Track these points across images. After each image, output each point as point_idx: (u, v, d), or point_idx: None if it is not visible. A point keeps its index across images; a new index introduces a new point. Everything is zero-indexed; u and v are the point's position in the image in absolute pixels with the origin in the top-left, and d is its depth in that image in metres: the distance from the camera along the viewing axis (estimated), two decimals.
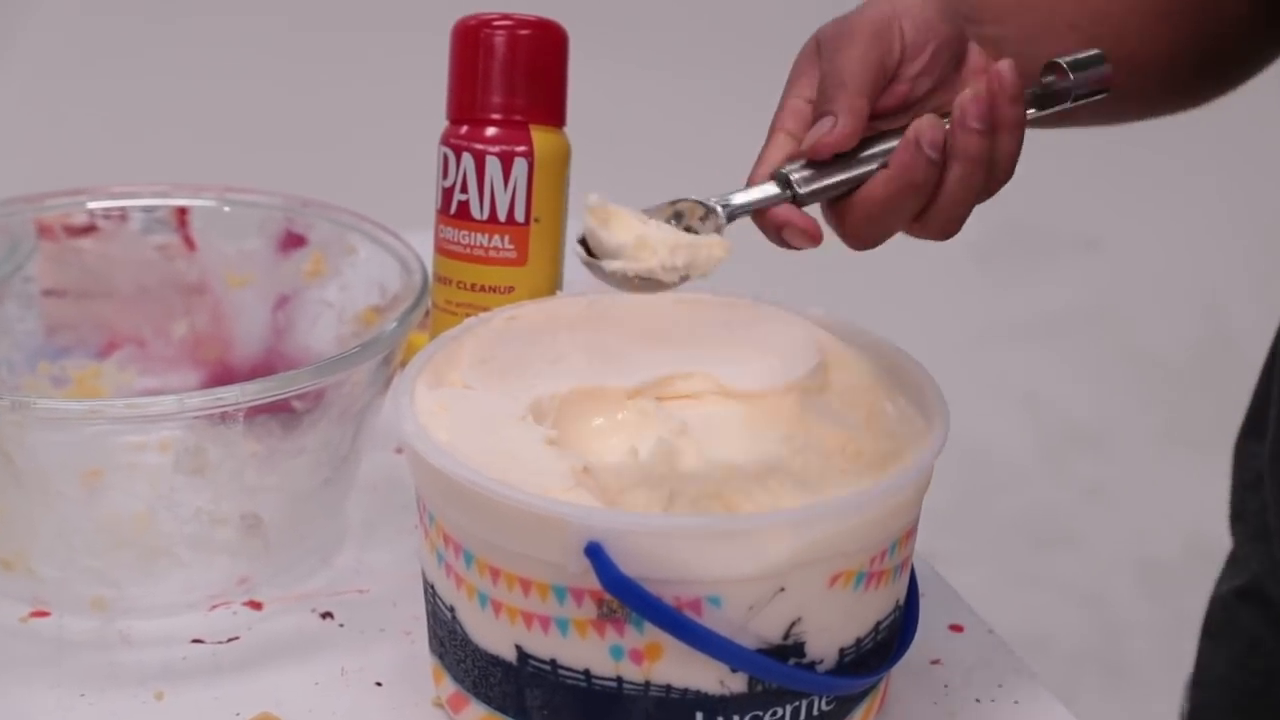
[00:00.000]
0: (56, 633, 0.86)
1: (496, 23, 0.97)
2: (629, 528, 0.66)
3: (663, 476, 0.72)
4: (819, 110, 0.78)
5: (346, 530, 0.94)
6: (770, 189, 0.76)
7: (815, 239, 0.77)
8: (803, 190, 0.76)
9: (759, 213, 0.78)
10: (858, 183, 0.78)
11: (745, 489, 0.72)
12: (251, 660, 0.83)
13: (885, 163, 0.77)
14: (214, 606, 0.87)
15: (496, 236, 0.97)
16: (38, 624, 0.86)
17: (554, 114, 0.99)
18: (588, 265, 0.76)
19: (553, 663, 0.69)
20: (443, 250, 0.97)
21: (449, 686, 0.76)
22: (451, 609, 0.73)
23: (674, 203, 0.79)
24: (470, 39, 0.97)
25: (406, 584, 0.84)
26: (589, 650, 0.69)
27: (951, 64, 0.82)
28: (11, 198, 1.03)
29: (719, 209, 0.77)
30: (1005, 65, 0.77)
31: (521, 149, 0.96)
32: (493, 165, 0.95)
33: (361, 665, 0.82)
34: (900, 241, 0.86)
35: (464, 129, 0.96)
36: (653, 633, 0.66)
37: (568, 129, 1.00)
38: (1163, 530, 2.44)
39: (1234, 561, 1.10)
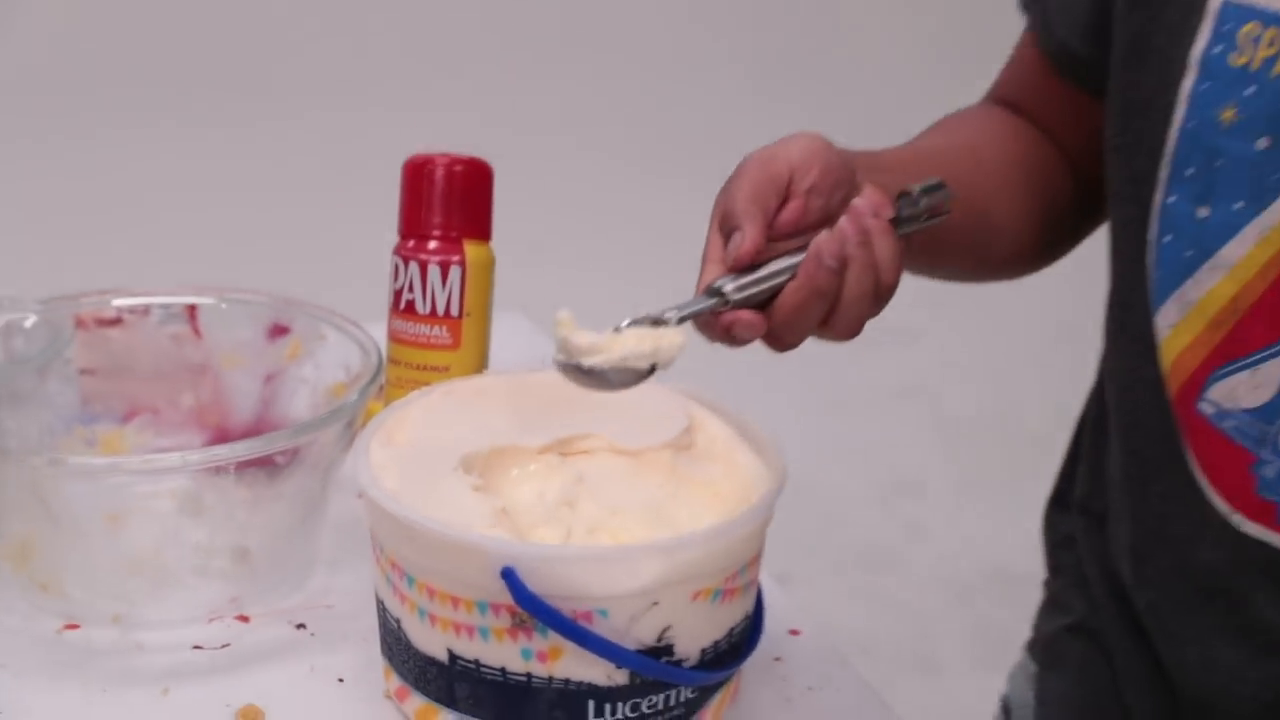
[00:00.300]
0: (85, 643, 0.84)
1: (437, 160, 0.97)
2: (536, 556, 0.65)
3: (563, 516, 0.73)
4: (728, 230, 0.75)
5: (317, 558, 0.90)
6: (706, 299, 0.73)
7: (759, 328, 0.74)
8: (733, 298, 0.72)
9: (707, 323, 0.75)
10: (775, 291, 0.74)
11: (627, 525, 0.72)
12: (240, 663, 0.82)
13: (794, 274, 0.74)
14: (211, 620, 0.84)
15: (436, 328, 0.96)
16: (69, 635, 0.84)
17: (482, 231, 0.98)
18: (565, 368, 0.73)
19: (476, 662, 0.68)
20: (394, 338, 0.96)
21: (396, 681, 0.74)
22: (398, 620, 0.71)
23: (631, 321, 0.74)
24: (416, 173, 0.97)
25: (364, 601, 0.80)
26: (505, 652, 0.68)
27: (844, 189, 0.79)
28: (54, 296, 0.98)
29: (667, 316, 0.73)
30: (859, 200, 0.75)
31: (456, 259, 0.95)
32: (433, 272, 0.95)
33: (328, 665, 0.81)
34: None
35: (411, 243, 0.96)
36: (554, 638, 0.65)
37: (493, 242, 1.00)
38: (966, 557, 2.45)
39: (1056, 604, 1.04)
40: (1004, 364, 2.86)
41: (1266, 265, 0.81)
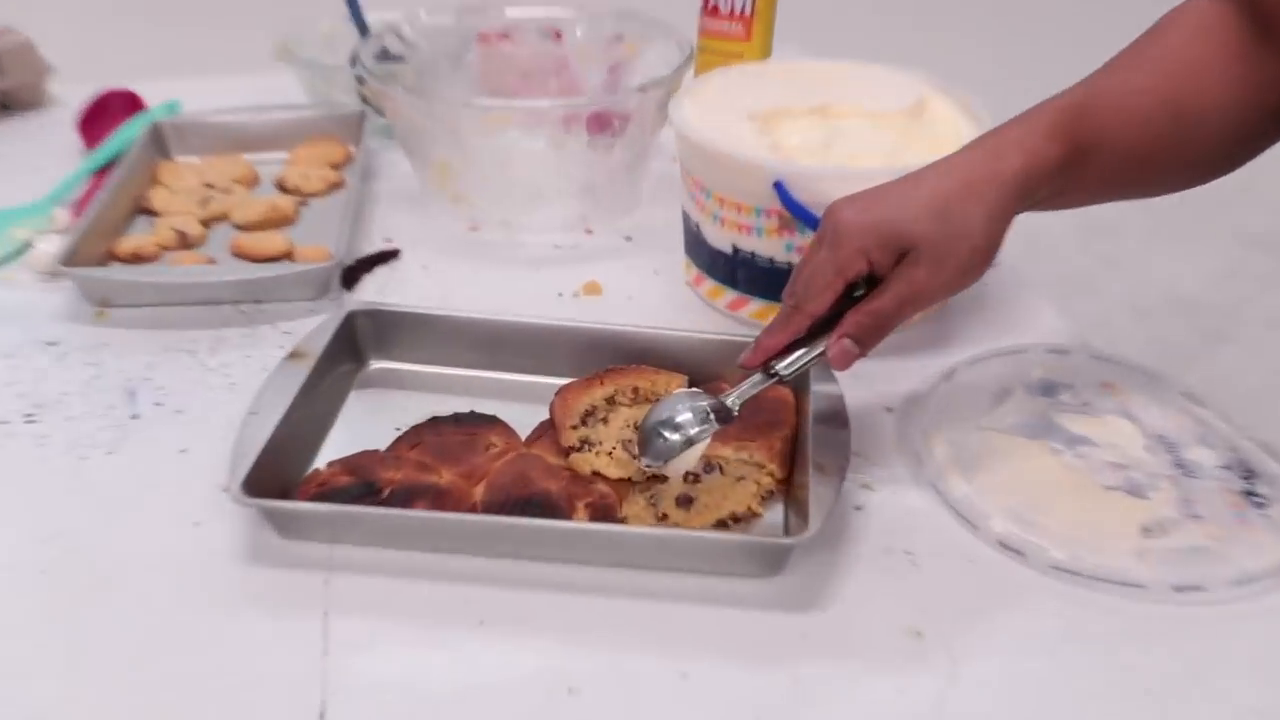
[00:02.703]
0: (483, 239, 0.92)
1: None
2: (799, 172, 0.71)
3: (820, 154, 0.76)
4: (801, 307, 0.65)
5: (640, 198, 0.98)
6: (759, 377, 0.66)
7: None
8: (785, 373, 0.65)
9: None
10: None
11: (866, 163, 0.74)
12: (586, 258, 0.90)
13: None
14: (567, 230, 0.93)
15: (733, 24, 1.01)
16: (473, 235, 0.93)
17: None
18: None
19: (753, 254, 0.75)
20: (702, 32, 1.02)
21: (694, 271, 0.82)
22: (697, 225, 0.79)
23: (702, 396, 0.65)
24: None
25: (673, 225, 0.86)
26: (773, 246, 0.74)
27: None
28: (460, 7, 1.05)
29: (730, 403, 0.65)
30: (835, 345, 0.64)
31: None
32: None
33: (646, 263, 0.87)
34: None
35: None
36: (808, 234, 0.71)
37: None
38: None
39: None
40: None
41: None
